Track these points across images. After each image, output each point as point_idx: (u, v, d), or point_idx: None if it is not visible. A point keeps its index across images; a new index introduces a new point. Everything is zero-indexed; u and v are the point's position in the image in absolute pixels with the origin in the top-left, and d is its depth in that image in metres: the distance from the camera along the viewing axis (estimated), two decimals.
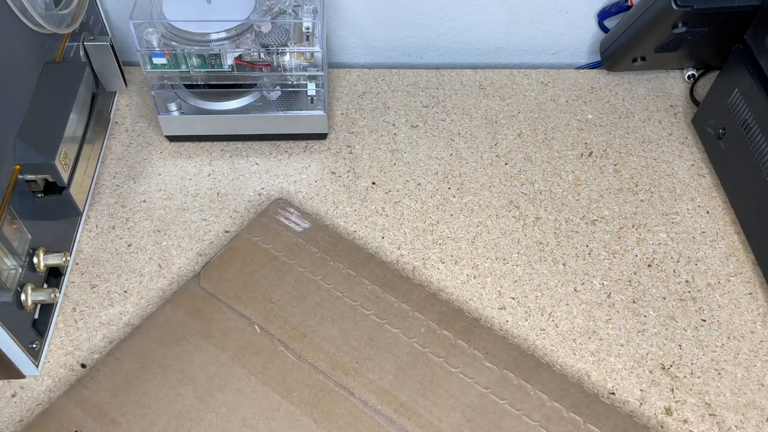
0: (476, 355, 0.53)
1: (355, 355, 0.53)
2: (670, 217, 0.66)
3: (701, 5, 0.64)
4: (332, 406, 0.50)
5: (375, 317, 0.55)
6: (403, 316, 0.55)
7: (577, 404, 0.51)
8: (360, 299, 0.56)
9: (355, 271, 0.57)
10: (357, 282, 0.57)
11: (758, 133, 0.60)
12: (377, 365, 0.52)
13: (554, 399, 0.51)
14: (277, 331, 0.54)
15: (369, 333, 0.54)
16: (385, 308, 0.55)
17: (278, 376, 0.51)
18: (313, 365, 0.52)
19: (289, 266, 0.57)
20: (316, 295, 0.56)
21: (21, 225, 0.51)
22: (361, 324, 0.54)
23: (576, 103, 0.76)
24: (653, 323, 0.58)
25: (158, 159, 0.69)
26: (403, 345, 0.53)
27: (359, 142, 0.72)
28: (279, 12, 0.65)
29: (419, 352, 0.53)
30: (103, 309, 0.58)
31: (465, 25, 0.80)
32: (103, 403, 0.50)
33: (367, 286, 0.56)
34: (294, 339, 0.53)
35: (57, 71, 0.57)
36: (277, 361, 0.52)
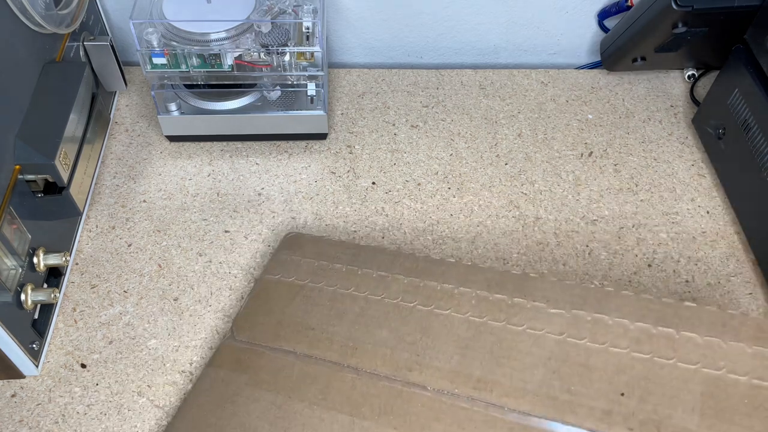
0: (538, 307, 0.50)
1: (413, 349, 0.49)
2: (670, 217, 0.66)
3: (701, 5, 0.64)
4: (407, 406, 0.47)
5: (421, 306, 0.52)
6: (449, 296, 0.52)
7: (662, 317, 0.48)
8: (400, 295, 0.53)
9: (386, 272, 0.55)
10: (391, 280, 0.54)
11: (758, 133, 0.60)
12: (439, 351, 0.49)
13: (636, 320, 0.48)
14: (326, 353, 0.51)
15: (420, 323, 0.51)
16: (428, 294, 0.52)
17: (341, 397, 0.48)
18: (373, 374, 0.49)
19: (318, 290, 0.54)
20: (354, 306, 0.53)
21: (21, 225, 0.51)
22: (408, 318, 0.51)
23: (576, 103, 0.76)
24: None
25: (158, 159, 0.69)
26: (459, 323, 0.50)
27: (359, 142, 0.72)
28: (279, 12, 0.65)
29: (478, 324, 0.50)
30: (103, 309, 0.58)
31: (465, 25, 0.80)
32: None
33: (402, 281, 0.54)
34: (345, 355, 0.50)
35: (57, 71, 0.57)
36: (336, 383, 0.49)
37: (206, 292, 0.60)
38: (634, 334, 0.47)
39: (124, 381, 0.54)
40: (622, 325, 0.48)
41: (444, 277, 0.53)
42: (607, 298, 0.49)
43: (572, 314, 0.49)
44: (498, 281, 0.52)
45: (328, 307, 0.53)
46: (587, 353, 0.47)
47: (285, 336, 0.52)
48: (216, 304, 0.59)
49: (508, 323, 0.49)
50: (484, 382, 0.47)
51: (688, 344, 0.46)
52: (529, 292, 0.51)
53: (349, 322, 0.52)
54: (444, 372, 0.48)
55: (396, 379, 0.49)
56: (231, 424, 0.48)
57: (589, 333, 0.48)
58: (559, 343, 0.48)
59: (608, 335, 0.47)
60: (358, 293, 0.54)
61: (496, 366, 0.48)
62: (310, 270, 0.56)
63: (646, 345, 0.47)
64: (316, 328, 0.52)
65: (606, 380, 0.46)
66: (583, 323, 0.48)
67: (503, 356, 0.48)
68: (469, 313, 0.51)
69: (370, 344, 0.51)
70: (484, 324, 0.50)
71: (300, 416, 0.48)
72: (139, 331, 0.57)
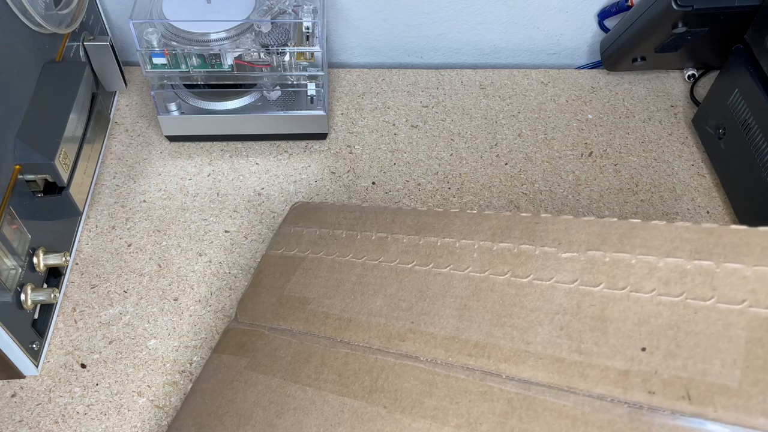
0: (548, 252, 0.43)
1: (408, 316, 0.45)
2: (671, 218, 0.66)
3: (701, 5, 0.64)
4: (398, 382, 0.43)
5: (418, 266, 0.47)
6: (449, 251, 0.47)
7: (700, 248, 0.39)
8: (398, 257, 0.49)
9: (385, 232, 0.51)
10: (390, 241, 0.50)
11: (758, 133, 0.60)
12: (435, 316, 0.44)
13: (665, 255, 0.39)
14: (321, 328, 0.48)
15: (417, 286, 0.46)
16: (427, 252, 0.48)
17: (334, 376, 0.45)
18: (366, 347, 0.45)
19: (317, 261, 0.52)
20: (351, 274, 0.49)
21: (21, 225, 0.51)
22: (405, 281, 0.47)
23: (576, 103, 0.76)
24: None
25: (158, 159, 0.69)
26: (459, 280, 0.45)
27: (359, 142, 0.72)
28: (279, 12, 0.65)
29: (479, 280, 0.44)
30: (103, 309, 0.58)
31: (465, 25, 0.80)
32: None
33: (402, 241, 0.49)
34: (339, 329, 0.47)
35: (57, 71, 0.57)
36: (329, 361, 0.46)
37: (206, 292, 0.59)
38: (663, 272, 0.39)
39: (124, 381, 0.54)
40: (648, 263, 0.39)
41: (446, 231, 0.48)
42: (632, 233, 0.41)
43: (587, 256, 0.42)
44: (504, 228, 0.46)
45: (326, 278, 0.50)
46: (603, 302, 0.39)
47: (283, 314, 0.50)
48: (216, 304, 0.59)
49: (512, 275, 0.43)
50: (482, 347, 0.42)
51: (732, 278, 0.37)
52: (539, 236, 0.44)
53: (345, 292, 0.49)
54: (438, 339, 0.43)
55: (389, 352, 0.45)
56: (229, 411, 0.47)
57: (607, 277, 0.40)
58: (569, 293, 0.41)
59: (629, 277, 0.39)
60: (356, 259, 0.50)
61: (496, 328, 0.42)
62: (312, 240, 0.54)
63: (677, 285, 0.38)
64: (313, 301, 0.49)
65: (624, 334, 0.38)
66: (599, 266, 0.41)
67: (504, 315, 0.42)
68: (470, 268, 0.45)
69: (365, 315, 0.47)
70: (486, 279, 0.44)
71: (292, 399, 0.45)
72: (139, 331, 0.57)
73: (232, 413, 0.46)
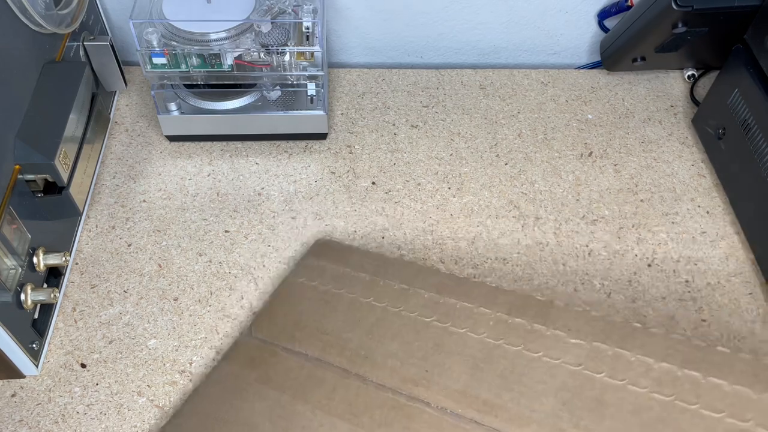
0: (558, 335, 0.48)
1: (423, 364, 0.49)
2: (670, 217, 0.66)
3: (701, 5, 0.64)
4: (407, 421, 0.46)
5: (437, 323, 0.51)
6: (467, 314, 0.50)
7: (690, 359, 0.44)
8: (418, 309, 0.52)
9: (408, 285, 0.54)
10: (412, 294, 0.53)
11: (758, 133, 0.60)
12: (448, 369, 0.48)
13: (661, 360, 0.45)
14: (336, 359, 0.50)
15: (434, 339, 0.50)
16: (447, 312, 0.51)
17: (344, 404, 0.48)
18: (379, 384, 0.48)
19: (338, 296, 0.54)
20: (371, 315, 0.52)
21: (21, 225, 0.51)
22: (423, 333, 0.50)
23: (576, 103, 0.76)
24: (653, 323, 0.58)
25: (158, 159, 0.69)
26: (474, 343, 0.48)
27: (359, 142, 0.72)
28: (279, 12, 0.65)
29: (492, 346, 0.48)
30: (103, 309, 0.58)
31: (465, 25, 0.80)
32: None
33: (423, 296, 0.53)
34: (355, 363, 0.50)
35: (57, 71, 0.57)
36: (341, 389, 0.49)
37: (206, 291, 0.60)
38: (657, 374, 0.44)
39: (124, 381, 0.54)
40: (645, 363, 0.45)
41: (465, 296, 0.52)
42: (633, 334, 0.47)
43: (593, 346, 0.46)
44: (520, 305, 0.50)
45: (345, 314, 0.53)
46: (603, 388, 0.44)
47: (300, 338, 0.52)
48: (216, 303, 0.59)
49: (524, 349, 0.47)
50: (490, 405, 0.46)
51: (715, 391, 0.43)
52: (551, 319, 0.49)
53: (363, 330, 0.52)
54: (450, 391, 0.47)
55: (401, 393, 0.48)
56: (236, 419, 0.48)
57: (608, 368, 0.45)
58: (573, 374, 0.45)
59: (628, 372, 0.45)
60: (377, 303, 0.53)
61: (505, 390, 0.46)
62: (334, 276, 0.56)
63: (668, 387, 0.44)
64: (331, 333, 0.52)
65: (620, 419, 0.43)
66: (602, 357, 0.46)
67: (514, 381, 0.46)
68: (485, 333, 0.49)
69: (381, 355, 0.50)
70: (499, 347, 0.48)
71: (301, 418, 0.48)
72: (139, 331, 0.57)
73: (239, 422, 0.48)
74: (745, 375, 0.43)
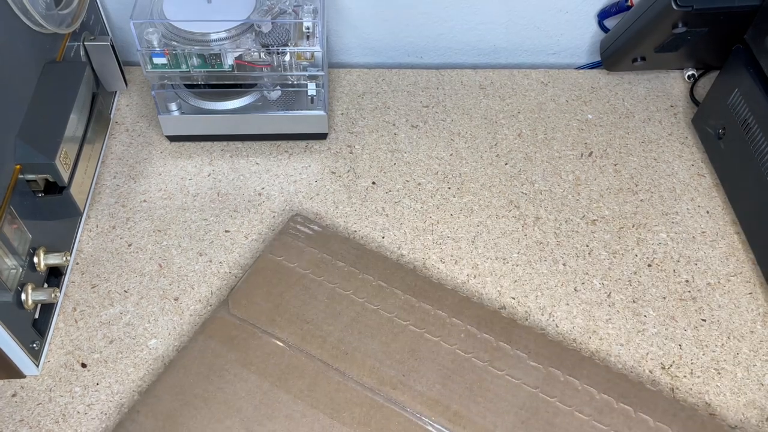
0: (520, 356, 0.53)
1: (400, 368, 0.52)
2: (670, 217, 0.66)
3: (701, 5, 0.64)
4: (385, 422, 0.49)
5: (413, 327, 0.54)
6: (441, 323, 0.54)
7: (625, 394, 0.51)
8: (395, 310, 0.55)
9: (386, 282, 0.56)
10: (389, 293, 0.56)
11: (758, 133, 0.60)
12: (423, 376, 0.51)
13: (602, 391, 0.51)
14: (317, 351, 0.52)
15: (410, 344, 0.53)
16: (422, 317, 0.54)
17: (326, 398, 0.50)
18: (359, 382, 0.51)
19: (318, 283, 0.56)
20: (350, 310, 0.55)
21: (21, 225, 0.51)
22: (400, 336, 0.53)
23: (576, 103, 0.76)
24: (653, 323, 0.58)
25: (158, 159, 0.70)
26: (446, 353, 0.53)
27: (359, 142, 0.72)
28: (279, 12, 0.65)
29: (463, 359, 0.52)
30: (104, 309, 0.58)
31: (465, 25, 0.80)
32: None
33: (400, 297, 0.56)
34: (336, 358, 0.52)
35: (57, 71, 0.57)
36: (322, 383, 0.51)
37: (207, 291, 0.60)
38: (599, 404, 0.50)
39: (125, 381, 0.54)
40: (590, 393, 0.51)
41: (439, 303, 0.56)
42: (582, 363, 0.53)
43: (548, 371, 0.52)
44: (487, 320, 0.55)
45: (326, 304, 0.55)
46: (555, 412, 0.50)
47: (280, 323, 0.54)
48: (216, 303, 0.59)
49: (490, 365, 0.52)
50: (460, 416, 0.50)
51: (642, 425, 0.50)
52: (514, 339, 0.54)
53: (343, 325, 0.54)
54: (425, 397, 0.50)
55: (379, 393, 0.51)
56: (216, 398, 0.50)
57: (560, 393, 0.51)
58: (531, 396, 0.51)
59: (575, 399, 0.51)
60: (356, 297, 0.56)
61: (473, 403, 0.50)
62: (313, 261, 0.58)
63: (607, 417, 0.50)
64: (312, 322, 0.54)
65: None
66: (556, 382, 0.51)
67: (480, 396, 0.51)
68: (457, 345, 0.53)
69: (360, 353, 0.52)
70: (469, 360, 0.52)
71: (284, 406, 0.50)
72: (139, 331, 0.57)
73: (219, 401, 0.50)
74: (666, 414, 0.50)
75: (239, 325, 0.54)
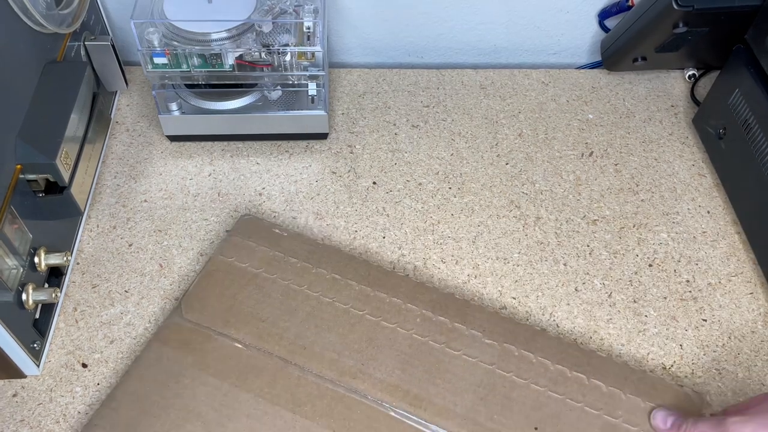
0: (475, 335, 0.54)
1: (359, 357, 0.52)
2: (671, 217, 0.66)
3: (702, 5, 0.64)
4: (348, 412, 0.50)
5: (369, 316, 0.55)
6: (396, 310, 0.55)
7: (578, 362, 0.53)
8: (351, 301, 0.55)
9: (339, 275, 0.57)
10: (344, 285, 0.56)
11: (759, 133, 0.60)
12: (382, 363, 0.52)
13: (556, 362, 0.52)
14: (275, 348, 0.53)
15: (367, 333, 0.54)
16: (378, 305, 0.55)
17: (287, 393, 0.50)
18: (319, 375, 0.51)
19: (271, 281, 0.56)
20: (306, 305, 0.55)
21: (22, 225, 0.51)
22: (357, 326, 0.54)
23: (577, 103, 0.76)
24: (654, 323, 0.58)
25: (159, 159, 0.69)
26: (403, 338, 0.53)
27: (360, 142, 0.72)
28: (280, 12, 0.65)
29: (420, 342, 0.53)
30: (104, 309, 0.58)
31: (465, 25, 0.80)
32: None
33: (354, 287, 0.56)
34: (294, 353, 0.52)
35: (58, 71, 0.57)
36: (281, 379, 0.51)
37: None
38: (553, 374, 0.52)
39: None
40: (544, 365, 0.52)
41: (394, 291, 0.56)
42: (535, 337, 0.54)
43: (503, 347, 0.53)
44: (442, 303, 0.56)
45: (280, 301, 0.55)
46: (512, 386, 0.51)
47: (235, 323, 0.54)
48: None
49: (447, 347, 0.53)
50: (420, 399, 0.51)
51: (595, 391, 0.51)
52: (469, 319, 0.55)
53: (299, 320, 0.54)
54: (385, 384, 0.51)
55: (340, 384, 0.51)
56: (175, 404, 0.50)
57: (516, 368, 0.52)
58: (488, 373, 0.52)
59: (531, 372, 0.52)
60: (311, 292, 0.56)
61: (432, 386, 0.51)
62: (265, 259, 0.58)
63: (561, 387, 0.51)
64: (267, 320, 0.54)
65: (524, 414, 0.50)
66: (511, 357, 0.53)
67: (438, 378, 0.52)
68: (414, 330, 0.54)
69: (318, 346, 0.53)
70: (426, 344, 0.53)
71: (245, 406, 0.50)
72: (140, 331, 0.57)
73: (178, 406, 0.50)
74: (618, 378, 0.52)
75: (194, 329, 0.54)
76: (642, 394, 0.51)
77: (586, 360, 0.53)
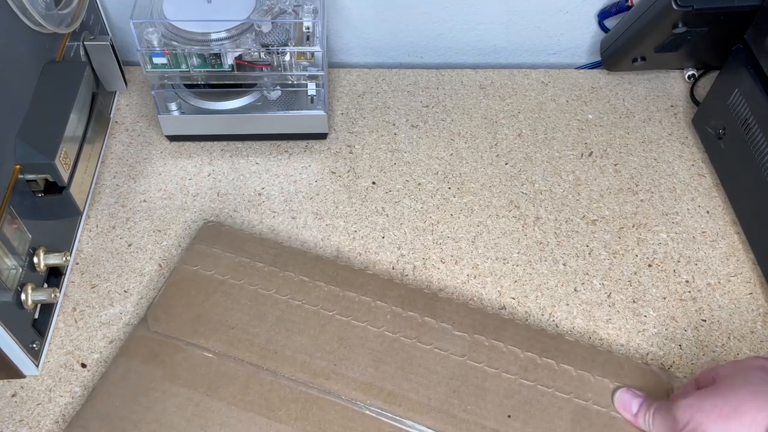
0: (445, 328, 0.54)
1: (331, 358, 0.52)
2: (671, 217, 0.66)
3: (701, 5, 0.64)
4: (322, 414, 0.50)
5: (339, 316, 0.54)
6: (366, 308, 0.55)
7: (547, 348, 0.53)
8: (320, 302, 0.55)
9: (307, 276, 0.57)
10: (312, 286, 0.56)
11: (758, 133, 0.60)
12: (354, 362, 0.52)
13: (526, 350, 0.53)
14: (246, 354, 0.52)
15: (338, 333, 0.53)
16: (347, 305, 0.55)
17: (260, 399, 0.50)
18: (291, 379, 0.51)
19: (239, 287, 0.56)
20: (275, 309, 0.55)
21: (21, 225, 0.51)
22: (327, 326, 0.54)
23: (576, 103, 0.76)
24: (653, 323, 0.58)
25: (158, 159, 0.69)
26: (374, 336, 0.53)
27: (359, 142, 0.72)
28: (279, 12, 0.65)
29: (391, 339, 0.53)
30: (104, 309, 0.58)
31: (465, 25, 0.80)
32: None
33: (323, 288, 0.56)
34: (265, 358, 0.52)
35: (57, 71, 0.57)
36: (254, 385, 0.51)
37: None
38: (523, 362, 0.53)
39: None
40: (514, 353, 0.53)
41: (363, 289, 0.56)
42: (503, 326, 0.55)
43: (473, 338, 0.54)
44: (411, 299, 0.56)
45: (249, 307, 0.55)
46: (484, 376, 0.52)
47: (204, 332, 0.53)
48: None
49: (418, 341, 0.53)
50: (394, 395, 0.51)
51: (565, 375, 0.52)
52: (438, 312, 0.55)
53: (269, 325, 0.54)
54: (358, 383, 0.51)
55: (313, 386, 0.51)
56: (146, 418, 0.49)
57: (486, 357, 0.53)
58: (460, 364, 0.52)
59: (501, 361, 0.53)
60: (279, 296, 0.55)
61: (405, 381, 0.51)
62: (231, 265, 0.57)
63: (532, 373, 0.52)
64: (237, 327, 0.54)
65: (497, 403, 0.51)
66: (482, 348, 0.53)
67: (411, 373, 0.52)
68: (384, 327, 0.54)
69: (290, 350, 0.53)
70: (397, 340, 0.53)
71: (218, 415, 0.49)
72: None
73: (149, 420, 0.49)
74: (586, 361, 0.53)
75: (161, 341, 0.53)
76: (610, 375, 0.52)
77: (555, 345, 0.53)
